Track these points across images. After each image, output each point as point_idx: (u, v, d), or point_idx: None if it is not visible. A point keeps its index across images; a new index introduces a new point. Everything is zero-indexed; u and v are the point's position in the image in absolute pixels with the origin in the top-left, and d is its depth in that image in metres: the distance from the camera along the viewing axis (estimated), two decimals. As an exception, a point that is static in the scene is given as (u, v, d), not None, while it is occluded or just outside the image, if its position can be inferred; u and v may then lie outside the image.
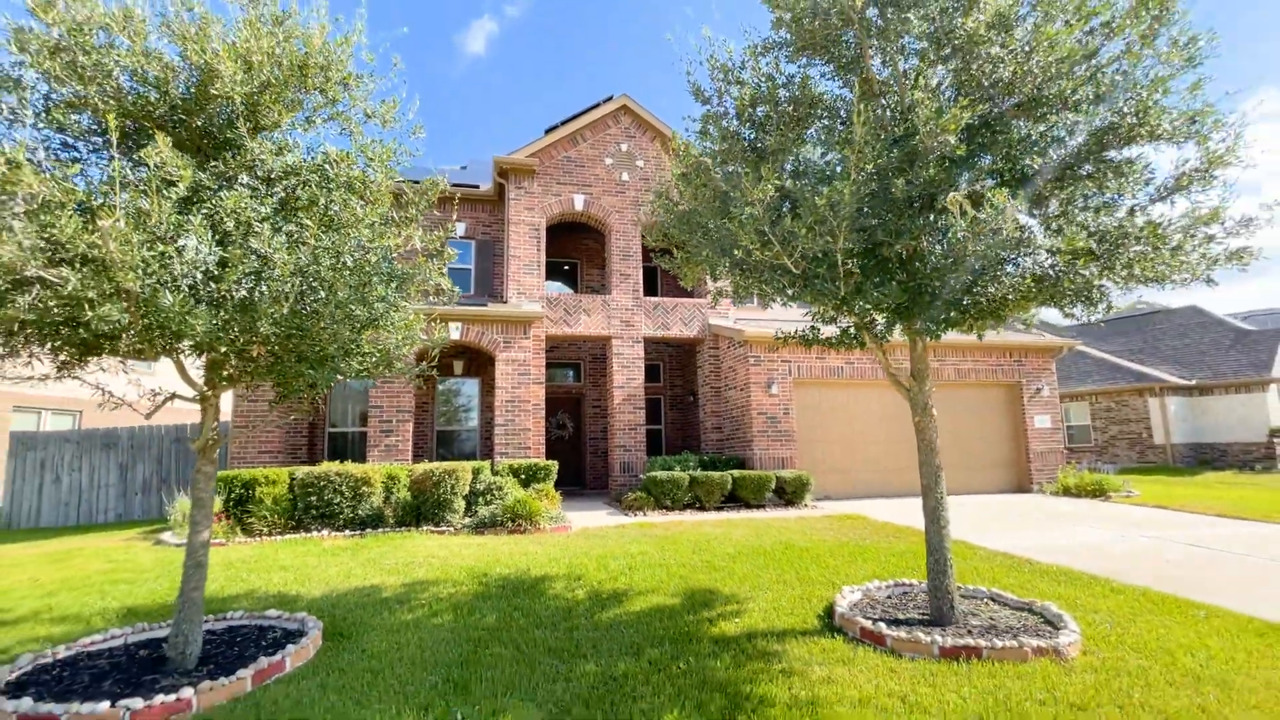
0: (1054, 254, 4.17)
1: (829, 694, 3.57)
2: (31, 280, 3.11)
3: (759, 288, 4.64)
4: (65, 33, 3.55)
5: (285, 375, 4.33)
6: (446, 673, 3.96)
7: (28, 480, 12.23)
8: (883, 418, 12.78)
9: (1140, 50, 3.97)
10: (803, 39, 4.55)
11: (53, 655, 4.30)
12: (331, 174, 4.36)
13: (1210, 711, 3.30)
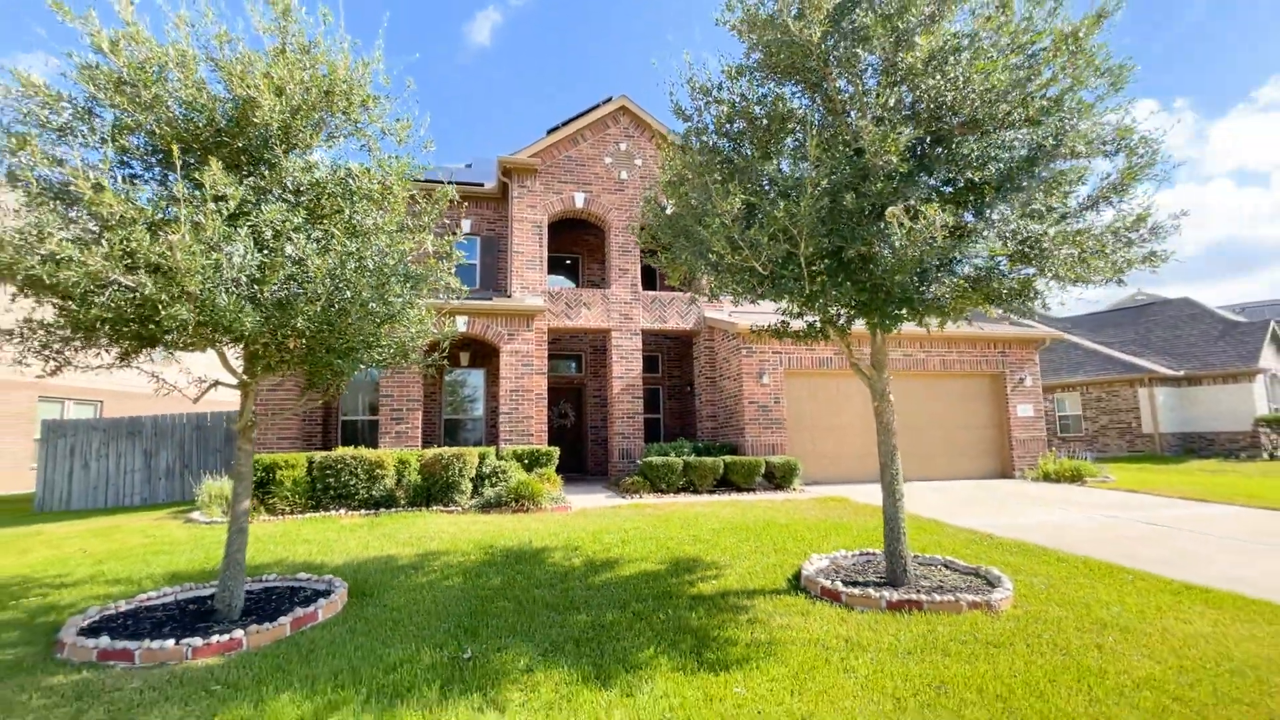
0: (991, 259, 4.75)
1: (785, 636, 4.17)
2: (108, 283, 3.72)
3: (733, 287, 5.22)
4: (130, 71, 4.14)
5: (316, 365, 4.94)
6: (457, 621, 4.59)
7: (58, 466, 12.91)
8: (865, 407, 13.32)
9: (1062, 79, 4.52)
10: (773, 64, 5.09)
11: (115, 608, 4.95)
12: (354, 187, 4.96)
13: (1104, 648, 3.89)
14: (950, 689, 3.35)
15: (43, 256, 3.57)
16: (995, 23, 4.54)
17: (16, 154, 3.83)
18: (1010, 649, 3.88)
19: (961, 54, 4.49)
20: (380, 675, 3.65)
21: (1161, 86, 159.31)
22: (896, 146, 4.12)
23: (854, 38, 4.46)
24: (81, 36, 4.26)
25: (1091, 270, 4.64)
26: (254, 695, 3.43)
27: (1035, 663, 3.67)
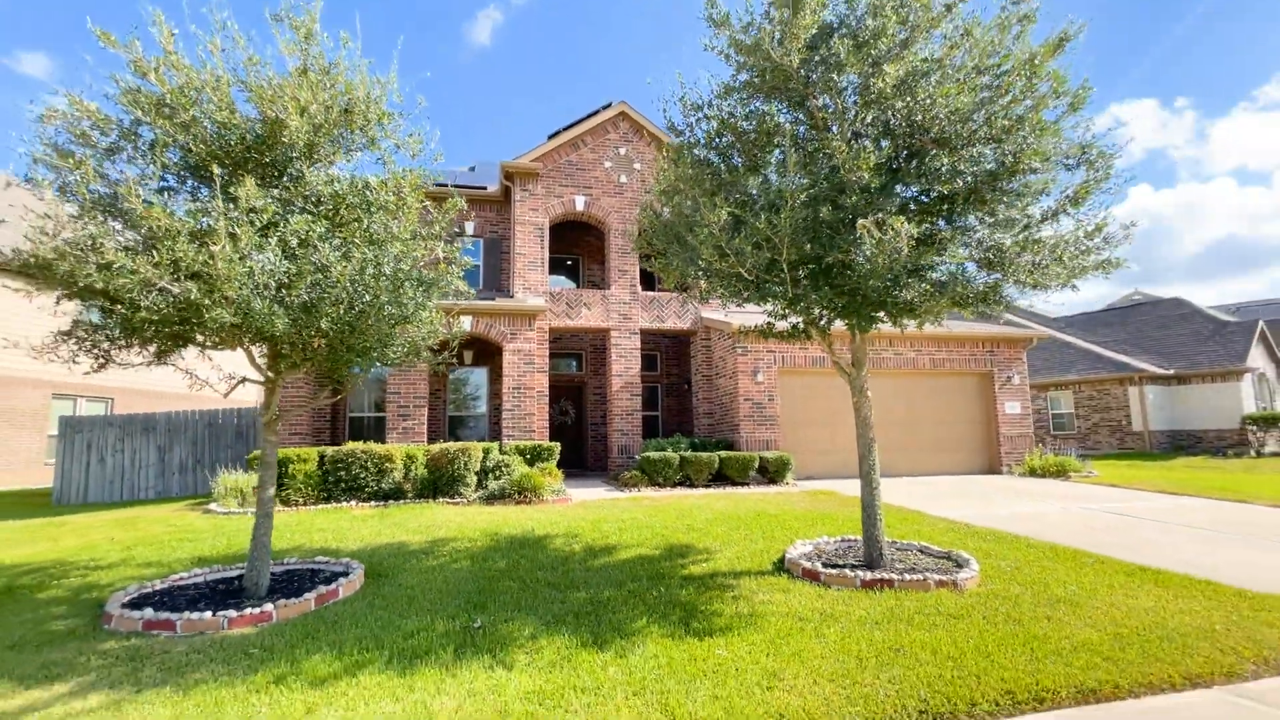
0: (958, 266, 5.16)
1: (765, 610, 4.59)
2: (156, 289, 4.14)
3: (721, 291, 5.64)
4: (170, 95, 4.55)
5: (337, 363, 5.36)
6: (467, 598, 5.01)
7: (76, 460, 13.34)
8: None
9: (1025, 101, 4.92)
10: (759, 84, 5.49)
11: (151, 587, 5.37)
12: (371, 198, 5.38)
13: (1053, 619, 4.31)
14: (908, 651, 3.77)
15: (99, 265, 3.99)
16: (960, 49, 4.96)
17: (74, 172, 4.24)
18: (967, 620, 4.30)
19: (930, 77, 4.89)
20: (400, 641, 4.08)
21: (1163, 86, 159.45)
22: (867, 164, 4.53)
23: (830, 64, 4.87)
24: (126, 65, 4.69)
25: (1050, 276, 5.05)
26: (289, 657, 3.85)
27: (988, 631, 4.09)
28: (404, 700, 3.25)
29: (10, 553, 7.01)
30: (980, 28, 5.14)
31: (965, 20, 5.20)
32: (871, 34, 4.76)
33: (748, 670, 3.54)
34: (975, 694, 3.24)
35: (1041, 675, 3.44)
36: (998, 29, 5.24)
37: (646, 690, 3.32)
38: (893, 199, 4.96)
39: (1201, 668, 3.57)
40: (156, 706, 3.23)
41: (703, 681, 3.41)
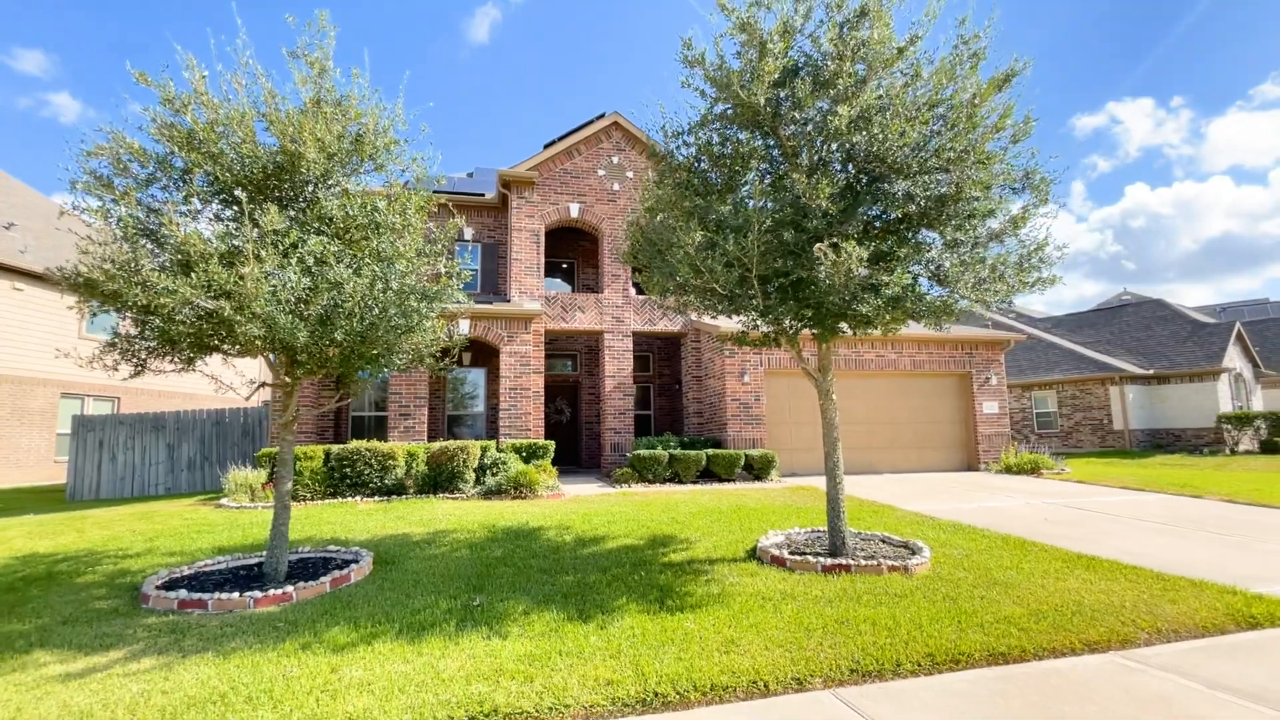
0: (913, 281, 5.72)
1: (733, 590, 5.15)
2: (192, 305, 4.67)
3: (697, 304, 6.19)
4: (201, 130, 5.08)
5: (348, 369, 5.91)
6: (467, 581, 5.56)
7: (88, 457, 13.86)
8: (842, 404, 14.33)
9: (967, 135, 5.47)
10: (733, 115, 6.03)
11: (180, 572, 5.91)
12: (380, 220, 5.92)
13: (985, 598, 4.87)
14: (851, 623, 4.33)
15: (143, 285, 4.52)
16: (911, 87, 5.51)
17: (120, 203, 4.77)
18: (909, 599, 4.86)
19: (885, 113, 5.44)
20: (408, 616, 4.63)
21: (1159, 85, 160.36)
22: (824, 194, 5.08)
23: (793, 101, 5.41)
24: (159, 101, 5.22)
25: (992, 293, 5.62)
26: (312, 629, 4.40)
27: (926, 608, 4.66)
28: (414, 662, 3.80)
29: (42, 544, 7.55)
30: (930, 68, 5.70)
31: (916, 61, 5.75)
32: (831, 75, 5.31)
33: (710, 639, 4.10)
34: (901, 656, 3.81)
35: (962, 643, 4.00)
36: (948, 67, 5.80)
37: (622, 654, 3.87)
38: (856, 220, 5.47)
39: (1101, 636, 4.14)
40: (202, 667, 3.78)
41: (670, 647, 3.97)
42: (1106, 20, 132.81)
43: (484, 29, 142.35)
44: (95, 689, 3.51)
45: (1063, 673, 3.70)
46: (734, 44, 5.72)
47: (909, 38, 5.55)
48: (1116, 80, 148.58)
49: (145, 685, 3.54)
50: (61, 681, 3.64)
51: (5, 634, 4.45)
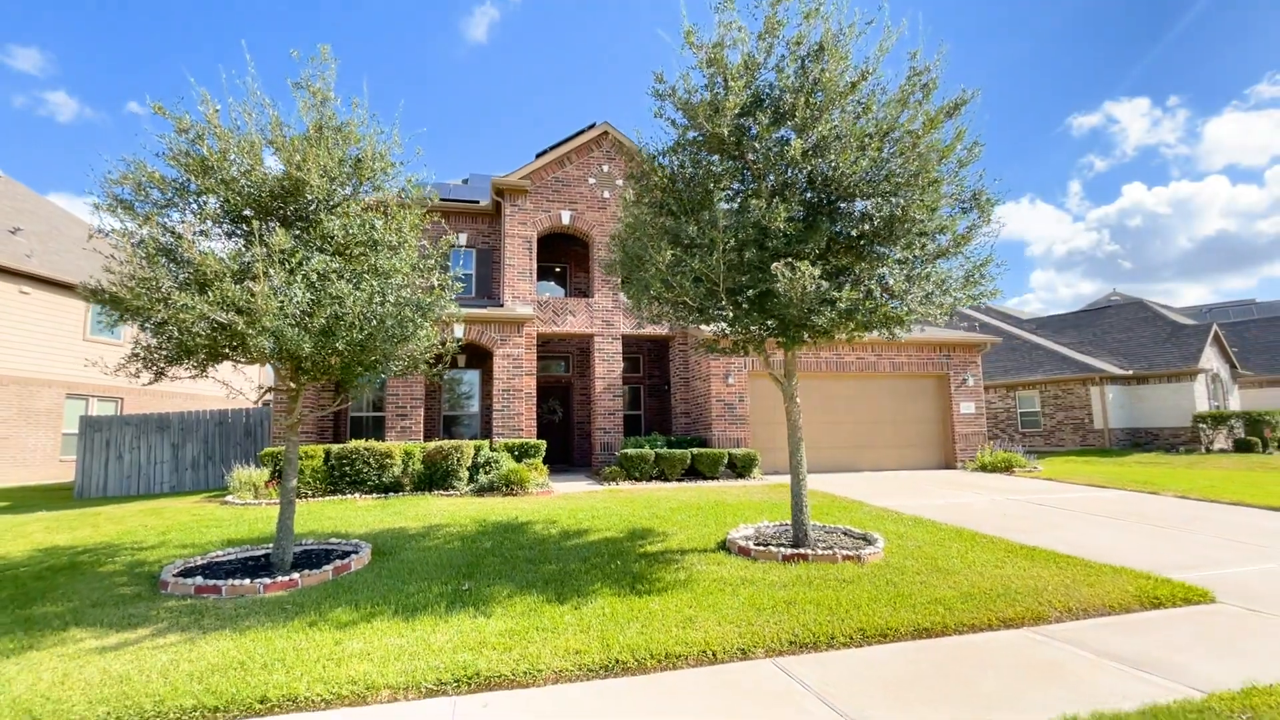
0: (864, 294, 6.24)
1: (699, 576, 5.68)
2: (208, 320, 5.18)
3: (670, 315, 6.72)
4: (214, 159, 5.59)
5: (348, 375, 6.42)
6: (458, 569, 6.08)
7: (95, 457, 14.34)
8: (825, 404, 14.88)
9: (913, 161, 5.99)
10: (702, 143, 6.54)
11: (194, 562, 6.42)
12: (377, 238, 6.42)
13: (926, 583, 5.40)
14: (797, 604, 4.86)
15: (164, 302, 5.03)
16: (861, 119, 6.03)
17: (143, 226, 5.28)
18: (855, 584, 5.39)
19: (839, 142, 5.96)
20: (403, 599, 5.15)
21: (1155, 84, 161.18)
22: (780, 218, 5.60)
23: (754, 132, 5.93)
24: (175, 131, 5.72)
25: (938, 306, 6.15)
26: (317, 610, 4.92)
27: (868, 591, 5.18)
28: (407, 636, 4.32)
29: (61, 537, 8.05)
30: (879, 101, 6.23)
31: (870, 92, 6.28)
32: (789, 108, 5.84)
33: (670, 616, 4.62)
34: (835, 632, 4.33)
35: (892, 620, 4.53)
36: (903, 97, 6.33)
37: (591, 629, 4.40)
38: (817, 237, 5.99)
39: (1018, 614, 4.67)
40: (221, 641, 4.29)
41: (635, 624, 4.49)
42: (1103, 20, 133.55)
43: (482, 28, 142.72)
44: (129, 658, 4.03)
45: (975, 644, 4.23)
46: (702, 76, 6.25)
47: (860, 73, 6.08)
48: (1113, 80, 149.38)
49: (173, 655, 4.06)
50: (98, 653, 4.15)
51: (42, 615, 4.96)
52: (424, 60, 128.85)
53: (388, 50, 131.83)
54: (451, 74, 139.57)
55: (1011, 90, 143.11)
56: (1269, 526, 7.93)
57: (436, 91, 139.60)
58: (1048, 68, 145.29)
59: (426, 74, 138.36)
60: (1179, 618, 4.68)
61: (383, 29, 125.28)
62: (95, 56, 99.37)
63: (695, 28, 6.20)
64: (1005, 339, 27.82)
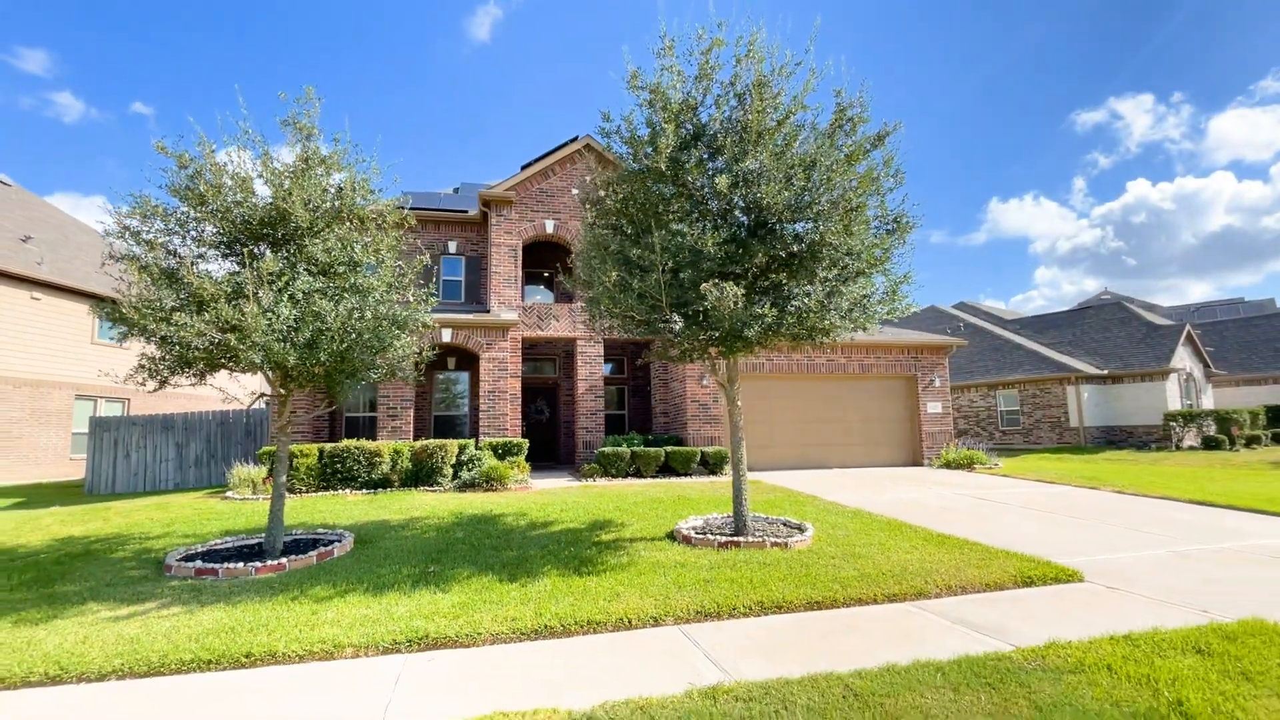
0: (792, 309, 6.97)
1: (640, 560, 6.42)
2: (205, 337, 5.93)
3: (620, 329, 7.45)
4: (209, 193, 6.35)
5: (332, 382, 7.18)
6: (428, 555, 6.83)
7: (104, 455, 15.15)
8: (796, 404, 15.60)
9: (833, 190, 6.71)
10: (646, 175, 7.26)
11: (194, 549, 7.19)
12: (357, 258, 7.17)
13: (836, 566, 6.13)
14: (715, 582, 5.60)
15: (166, 321, 5.80)
16: (784, 154, 6.75)
17: (150, 253, 6.05)
18: (772, 566, 6.13)
19: (764, 175, 6.68)
20: (375, 579, 5.90)
21: (1159, 80, 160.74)
22: (710, 241, 6.33)
23: (690, 166, 6.66)
24: (177, 167, 6.48)
25: (855, 320, 6.87)
26: (299, 588, 5.67)
27: (781, 572, 5.92)
28: (374, 608, 5.08)
29: (75, 529, 8.84)
30: (809, 135, 6.95)
31: (796, 125, 7.00)
32: (719, 145, 6.56)
33: (601, 592, 5.37)
34: (737, 604, 5.07)
35: (790, 595, 5.27)
36: (828, 133, 7.05)
37: (531, 601, 5.15)
38: (751, 257, 6.71)
39: (903, 591, 5.40)
40: (216, 612, 5.06)
41: (569, 598, 5.24)
42: (1105, 14, 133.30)
43: (485, 28, 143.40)
44: (138, 625, 4.80)
45: (855, 614, 4.97)
46: (642, 115, 6.97)
47: (785, 112, 6.79)
48: (1116, 75, 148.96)
49: (175, 622, 4.83)
50: (112, 621, 4.92)
51: (63, 592, 5.73)
52: (429, 58, 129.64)
53: (390, 48, 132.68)
54: (454, 73, 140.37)
55: (1013, 88, 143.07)
56: (1179, 517, 8.64)
57: (438, 91, 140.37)
58: (1050, 64, 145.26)
59: (429, 73, 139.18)
60: (1042, 594, 5.40)
61: (387, 27, 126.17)
62: (100, 57, 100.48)
63: (640, 70, 6.95)
64: (988, 339, 28.50)
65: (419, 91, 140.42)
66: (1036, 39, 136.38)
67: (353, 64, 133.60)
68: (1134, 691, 3.43)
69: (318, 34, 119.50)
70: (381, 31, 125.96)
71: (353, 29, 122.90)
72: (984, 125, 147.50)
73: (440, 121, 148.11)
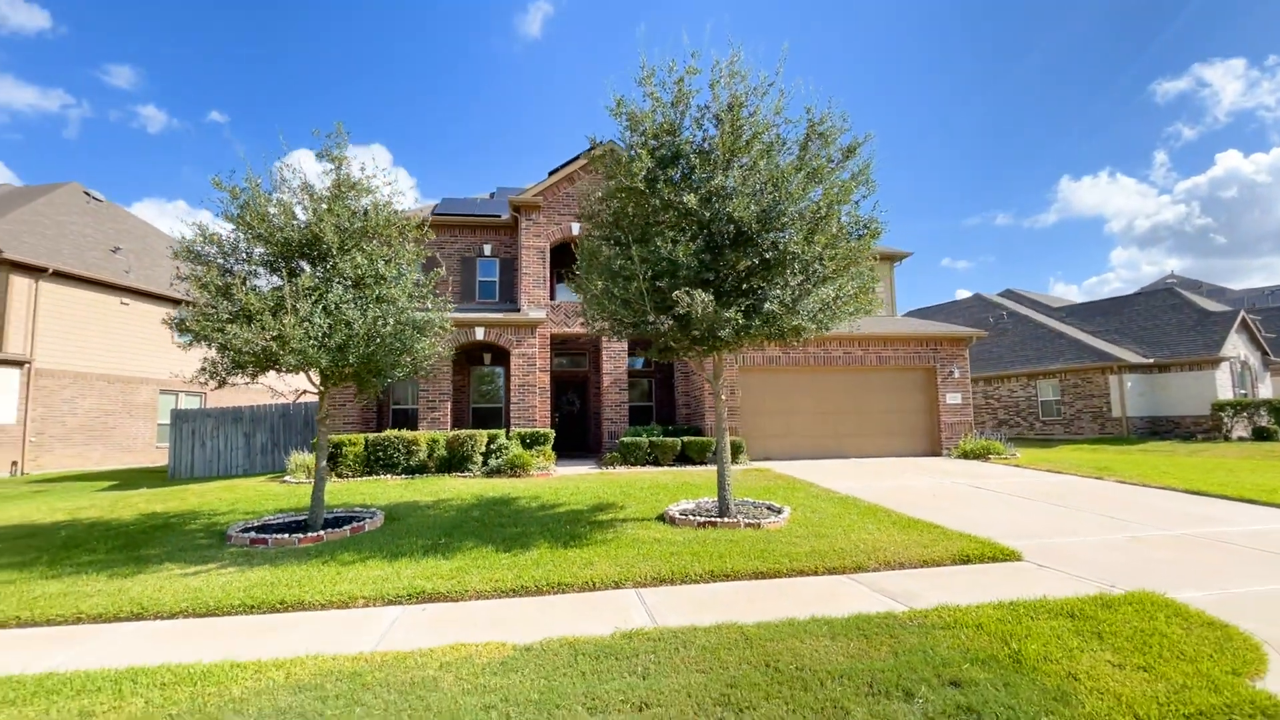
0: (766, 313, 7.64)
1: (624, 537, 7.26)
2: (254, 344, 7.07)
3: (609, 332, 8.27)
4: (258, 222, 7.48)
5: (361, 381, 8.28)
6: (443, 530, 7.85)
7: (183, 444, 16.98)
8: (815, 395, 16.09)
9: (799, 202, 7.33)
10: (629, 192, 8.02)
11: (252, 523, 8.44)
12: (383, 272, 8.22)
13: (795, 545, 6.82)
14: (678, 555, 6.39)
15: (221, 332, 6.96)
16: (753, 172, 7.40)
17: (208, 274, 7.25)
18: (738, 543, 6.86)
19: (738, 190, 7.35)
20: (393, 549, 6.94)
21: (1253, 43, 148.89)
22: (684, 252, 7.06)
23: (667, 187, 7.39)
24: (229, 199, 7.65)
25: (816, 322, 7.49)
26: (331, 555, 6.76)
27: (743, 549, 6.64)
28: (386, 570, 6.09)
29: (158, 506, 10.31)
30: (776, 150, 7.58)
31: (760, 149, 7.62)
32: (686, 171, 7.28)
33: (576, 560, 6.24)
34: (690, 572, 5.85)
35: (740, 566, 6.00)
36: (802, 144, 7.67)
37: (516, 567, 6.07)
38: (723, 265, 7.42)
39: (843, 565, 6.06)
40: (262, 571, 6.18)
41: (549, 565, 6.13)
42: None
43: (536, 23, 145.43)
44: (201, 579, 5.95)
45: (792, 583, 5.68)
46: (622, 141, 7.74)
47: (753, 133, 7.44)
48: (1201, 41, 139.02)
49: (229, 578, 5.96)
50: (182, 576, 6.09)
51: (146, 555, 7.00)
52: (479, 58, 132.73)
53: (439, 48, 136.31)
54: (505, 70, 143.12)
55: (1084, 59, 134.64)
56: (1161, 505, 8.89)
57: (490, 90, 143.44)
58: (1127, 31, 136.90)
59: (481, 71, 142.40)
60: (972, 570, 5.97)
61: (435, 27, 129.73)
62: (179, 69, 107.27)
63: (626, 99, 7.72)
64: (1030, 328, 28.00)
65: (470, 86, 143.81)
66: (1108, 4, 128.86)
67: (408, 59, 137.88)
68: (987, 643, 4.06)
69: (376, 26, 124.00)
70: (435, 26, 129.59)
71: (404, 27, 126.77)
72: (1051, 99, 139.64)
73: (500, 112, 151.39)
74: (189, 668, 3.96)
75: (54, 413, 19.41)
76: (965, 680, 3.56)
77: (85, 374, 20.16)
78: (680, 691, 3.48)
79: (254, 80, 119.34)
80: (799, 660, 3.84)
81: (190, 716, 3.35)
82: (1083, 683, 3.53)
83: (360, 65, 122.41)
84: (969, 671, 3.66)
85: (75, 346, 19.96)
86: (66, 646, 4.58)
